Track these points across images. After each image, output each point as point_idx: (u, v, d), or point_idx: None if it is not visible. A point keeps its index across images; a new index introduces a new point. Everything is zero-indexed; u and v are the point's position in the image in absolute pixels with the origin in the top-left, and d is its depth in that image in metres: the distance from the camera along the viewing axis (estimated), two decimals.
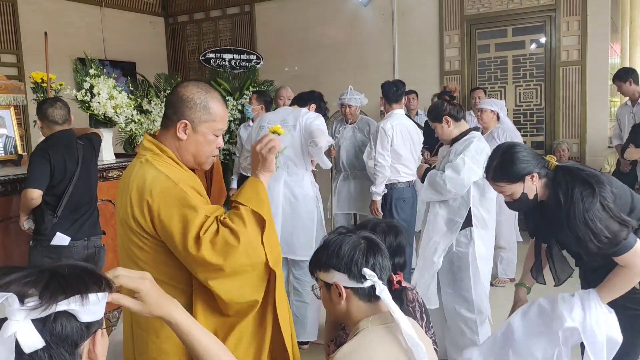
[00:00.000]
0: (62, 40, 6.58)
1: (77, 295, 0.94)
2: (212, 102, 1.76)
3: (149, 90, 5.96)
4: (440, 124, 3.31)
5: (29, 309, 0.89)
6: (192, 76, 8.44)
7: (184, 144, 1.76)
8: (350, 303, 1.57)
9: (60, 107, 3.32)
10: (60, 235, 3.21)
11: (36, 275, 0.94)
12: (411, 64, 6.99)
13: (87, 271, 1.01)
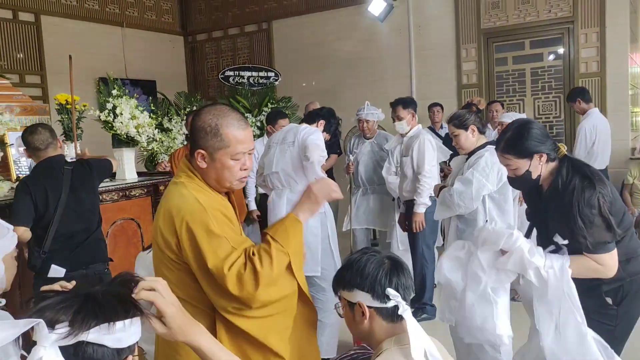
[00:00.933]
0: (85, 61, 6.72)
1: (105, 324, 0.97)
2: (225, 128, 1.74)
3: (169, 108, 6.05)
4: (465, 132, 3.30)
5: (58, 335, 0.93)
6: (212, 93, 8.55)
7: (205, 171, 1.79)
8: (374, 323, 1.58)
9: (40, 132, 3.13)
10: (55, 267, 3.09)
11: (70, 300, 0.98)
12: (428, 78, 7.01)
13: (120, 297, 1.04)
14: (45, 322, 0.94)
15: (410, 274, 1.65)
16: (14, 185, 3.47)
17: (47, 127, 3.21)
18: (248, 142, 1.80)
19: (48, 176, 3.11)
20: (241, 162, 1.79)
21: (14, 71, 6.32)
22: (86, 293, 1.02)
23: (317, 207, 1.81)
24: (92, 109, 4.20)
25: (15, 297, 3.34)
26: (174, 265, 1.72)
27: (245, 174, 1.83)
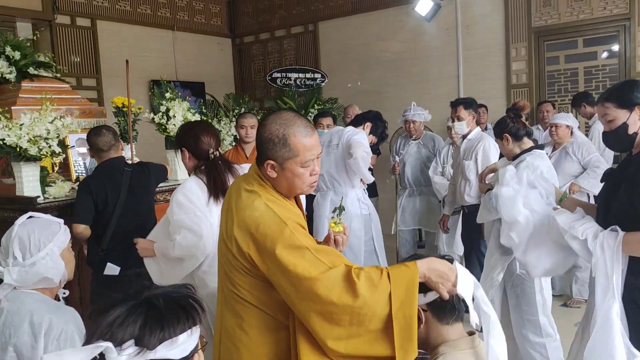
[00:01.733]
0: (137, 64, 6.93)
1: (168, 340, 1.02)
2: (292, 137, 1.72)
3: (218, 110, 6.18)
4: (500, 141, 3.33)
5: (127, 356, 0.99)
6: (258, 95, 8.67)
7: (276, 181, 1.78)
8: (429, 327, 1.60)
9: (104, 134, 3.25)
10: (111, 265, 3.20)
11: (135, 314, 1.03)
12: (476, 78, 6.90)
13: (181, 304, 1.08)
14: (113, 344, 1.00)
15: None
16: (74, 186, 3.63)
17: (111, 130, 3.35)
18: (316, 147, 1.78)
19: (109, 177, 3.23)
20: (310, 168, 1.78)
21: (72, 75, 6.58)
22: (147, 300, 1.07)
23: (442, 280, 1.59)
24: (147, 112, 4.34)
25: (75, 292, 3.49)
26: (248, 272, 1.73)
27: (315, 178, 1.82)
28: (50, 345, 1.78)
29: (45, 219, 1.99)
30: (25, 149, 3.24)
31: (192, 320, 1.08)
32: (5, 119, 3.28)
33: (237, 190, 1.81)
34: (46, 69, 4.28)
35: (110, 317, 1.03)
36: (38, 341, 1.77)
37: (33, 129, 3.26)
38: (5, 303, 1.86)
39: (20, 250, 1.87)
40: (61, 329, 1.81)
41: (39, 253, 1.88)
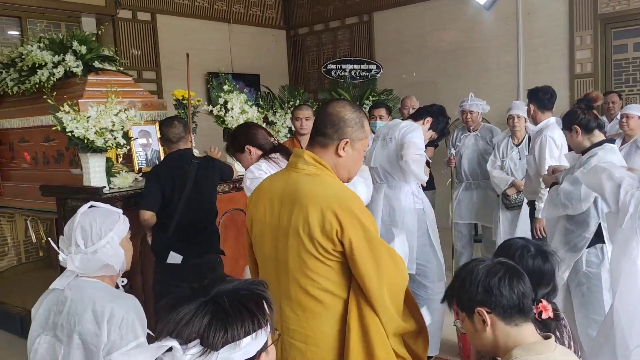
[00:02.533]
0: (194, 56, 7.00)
1: (232, 343, 1.03)
2: (364, 121, 1.90)
3: (273, 102, 6.22)
4: (570, 133, 3.20)
5: (191, 356, 1.01)
6: (312, 86, 8.68)
7: (342, 161, 1.87)
8: (496, 330, 1.55)
9: (175, 125, 3.36)
10: (173, 254, 3.26)
11: (199, 310, 1.04)
12: (537, 68, 6.68)
13: (248, 305, 1.08)
14: (178, 341, 1.01)
15: (526, 278, 1.60)
16: (137, 177, 3.74)
17: (182, 122, 3.46)
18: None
19: (176, 167, 3.32)
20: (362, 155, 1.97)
21: (133, 68, 6.78)
22: (213, 299, 1.07)
23: None
24: (205, 104, 4.42)
25: (138, 280, 3.61)
26: (328, 257, 1.75)
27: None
28: (112, 332, 1.83)
29: (106, 208, 2.05)
30: (92, 140, 3.36)
31: (257, 323, 1.07)
32: (73, 111, 3.41)
33: (293, 177, 1.84)
34: (110, 62, 4.41)
35: (178, 315, 1.04)
36: (101, 329, 1.82)
37: (99, 122, 3.38)
38: (68, 292, 1.91)
39: (82, 238, 1.91)
40: (122, 316, 1.85)
41: (100, 241, 1.93)
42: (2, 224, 4.63)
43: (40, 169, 4.32)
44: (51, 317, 1.93)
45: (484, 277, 1.55)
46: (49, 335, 1.92)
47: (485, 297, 1.54)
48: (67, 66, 4.10)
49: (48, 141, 4.19)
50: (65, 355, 1.86)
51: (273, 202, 1.87)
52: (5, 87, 4.45)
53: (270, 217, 1.87)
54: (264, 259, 1.94)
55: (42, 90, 4.01)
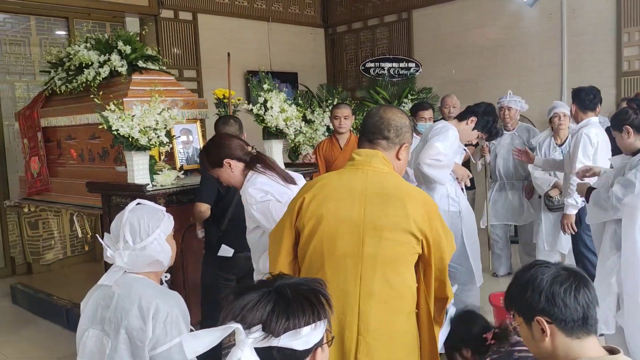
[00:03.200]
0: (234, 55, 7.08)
1: (292, 331, 1.07)
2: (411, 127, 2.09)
3: (312, 100, 6.24)
4: (620, 133, 3.10)
5: (254, 339, 1.05)
6: (350, 85, 8.67)
7: (398, 164, 2.02)
8: (555, 340, 1.45)
9: (231, 124, 3.47)
10: (225, 247, 3.33)
11: (265, 299, 1.08)
12: (582, 65, 6.50)
13: (309, 297, 1.12)
14: (242, 326, 1.06)
15: (592, 285, 1.50)
16: (179, 174, 3.81)
17: (238, 121, 3.57)
18: None
19: None
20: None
21: (174, 67, 6.90)
22: (277, 289, 1.12)
23: None
24: (245, 103, 4.46)
25: (179, 276, 3.68)
26: (416, 250, 1.93)
27: None
28: (157, 328, 1.87)
29: (152, 206, 2.09)
30: (136, 139, 3.44)
31: (317, 315, 1.11)
32: (119, 110, 3.49)
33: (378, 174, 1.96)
34: (153, 61, 4.50)
35: (243, 300, 1.09)
36: (147, 324, 1.86)
37: (143, 120, 3.45)
38: (116, 288, 1.96)
39: (130, 235, 1.96)
40: (167, 312, 1.89)
41: (148, 237, 1.97)
42: (50, 219, 4.79)
43: (86, 166, 4.45)
44: (99, 311, 1.98)
45: (548, 286, 1.46)
46: (97, 329, 1.97)
47: (547, 307, 1.45)
48: (112, 66, 4.21)
49: (94, 139, 4.31)
50: (113, 349, 1.91)
51: (353, 198, 1.89)
52: (54, 86, 4.60)
53: (350, 213, 1.88)
54: (336, 256, 1.90)
55: (89, 89, 4.13)
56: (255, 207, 2.65)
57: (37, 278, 5.10)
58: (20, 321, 4.84)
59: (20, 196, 5.21)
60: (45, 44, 6.41)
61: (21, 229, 5.15)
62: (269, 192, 2.65)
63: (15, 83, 6.37)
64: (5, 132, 6.24)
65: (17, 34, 6.32)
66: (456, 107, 5.25)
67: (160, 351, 1.86)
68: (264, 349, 1.06)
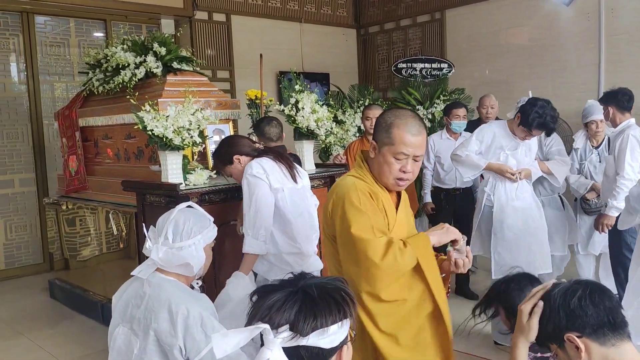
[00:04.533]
0: (267, 55, 7.11)
1: (320, 330, 1.09)
2: (395, 128, 1.94)
3: (343, 101, 6.25)
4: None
5: (282, 339, 1.07)
6: (382, 85, 8.64)
7: (372, 162, 2.04)
8: (592, 354, 1.40)
9: (275, 125, 3.61)
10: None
11: (292, 300, 1.10)
12: (620, 66, 6.34)
13: (334, 296, 1.14)
14: (270, 326, 1.07)
15: (609, 292, 1.46)
16: (212, 174, 3.86)
17: (280, 123, 3.71)
18: (415, 147, 1.95)
19: None
20: (402, 164, 1.96)
21: (208, 67, 6.99)
22: (303, 288, 1.13)
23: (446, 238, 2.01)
24: (277, 103, 4.50)
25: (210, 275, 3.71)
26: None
27: (404, 177, 1.98)
28: (195, 332, 1.86)
29: (201, 212, 2.12)
30: (170, 139, 3.50)
31: (343, 313, 1.12)
32: (154, 110, 3.57)
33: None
34: (187, 63, 4.58)
35: (270, 301, 1.11)
36: (176, 329, 1.87)
37: (177, 120, 3.51)
38: (147, 288, 1.98)
39: (173, 233, 1.99)
40: (200, 315, 1.90)
41: (187, 240, 2.00)
42: (86, 216, 4.91)
43: (121, 165, 4.56)
44: (129, 309, 2.01)
45: (562, 301, 1.44)
46: (127, 327, 1.99)
47: (570, 321, 1.42)
48: (148, 67, 4.30)
49: (129, 138, 4.41)
50: (142, 349, 1.93)
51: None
52: (92, 86, 4.73)
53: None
54: None
55: (125, 89, 4.23)
56: (247, 176, 2.85)
57: (73, 274, 5.24)
58: (57, 315, 4.99)
59: (58, 194, 5.37)
60: (84, 45, 6.58)
61: (59, 226, 5.30)
62: (267, 173, 2.82)
63: (55, 83, 6.57)
64: (45, 131, 6.43)
65: (57, 36, 6.51)
66: (494, 108, 5.19)
67: (204, 354, 1.84)
68: (291, 348, 1.07)
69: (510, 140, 3.76)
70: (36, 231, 6.41)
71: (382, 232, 1.94)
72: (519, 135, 3.72)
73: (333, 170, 4.42)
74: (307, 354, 1.09)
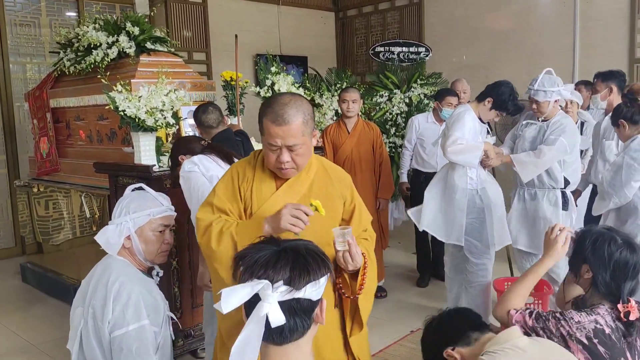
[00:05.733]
0: (244, 38, 7.04)
1: (313, 282, 1.19)
2: (264, 117, 1.81)
3: (320, 84, 6.22)
4: (617, 128, 3.30)
5: (280, 294, 1.16)
6: (360, 69, 8.62)
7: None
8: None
9: (211, 111, 3.40)
10: None
11: (283, 258, 1.20)
12: (594, 52, 6.42)
13: (318, 253, 1.25)
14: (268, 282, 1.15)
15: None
16: None
17: (217, 107, 3.49)
18: (282, 137, 1.78)
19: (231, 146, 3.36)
20: (276, 154, 1.81)
21: (184, 49, 6.89)
22: (293, 248, 1.23)
23: (280, 229, 1.72)
24: (253, 85, 4.47)
25: (185, 258, 3.70)
26: None
27: (282, 167, 1.82)
28: (116, 309, 1.92)
29: (148, 195, 2.15)
30: (142, 119, 3.45)
31: (326, 268, 1.24)
32: (126, 91, 3.50)
33: None
34: (162, 43, 4.50)
35: (262, 259, 1.19)
36: (107, 304, 1.92)
37: (150, 101, 3.46)
38: (98, 267, 2.05)
39: (114, 212, 2.07)
40: (128, 295, 1.94)
41: (117, 219, 2.05)
42: (59, 199, 4.83)
43: (94, 147, 4.48)
44: (84, 287, 2.06)
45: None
46: (81, 306, 2.02)
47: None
48: (120, 47, 4.21)
49: (102, 120, 4.33)
50: (84, 326, 1.96)
51: None
52: (63, 66, 4.62)
53: None
54: None
55: (97, 70, 4.14)
56: (181, 175, 2.84)
57: (46, 257, 5.16)
58: (29, 299, 4.92)
59: (30, 176, 5.26)
60: (55, 25, 6.42)
61: (31, 209, 5.21)
62: (197, 164, 2.82)
63: (26, 64, 6.41)
64: (15, 112, 6.29)
65: (27, 15, 6.34)
66: (466, 92, 5.17)
67: (116, 334, 1.90)
68: (285, 301, 1.17)
69: (479, 125, 3.79)
70: (7, 214, 6.29)
71: (221, 211, 1.89)
72: (488, 117, 3.74)
73: None
74: (298, 306, 1.19)
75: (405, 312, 4.36)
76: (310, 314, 1.22)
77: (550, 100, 3.45)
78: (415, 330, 3.96)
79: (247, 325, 1.18)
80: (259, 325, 1.15)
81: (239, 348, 1.17)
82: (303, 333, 1.22)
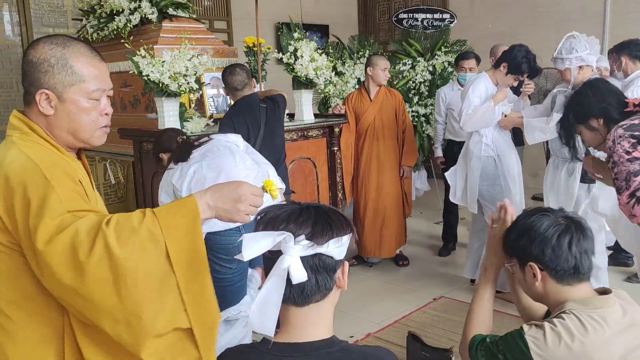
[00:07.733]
0: (265, 6, 6.96)
1: (336, 238, 1.15)
2: (75, 58, 1.36)
3: (342, 52, 6.14)
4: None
5: (302, 247, 1.12)
6: (382, 37, 8.49)
7: (52, 120, 1.36)
8: (547, 285, 1.53)
9: (238, 73, 3.38)
10: None
11: (305, 214, 1.16)
12: (625, 18, 6.22)
13: (339, 213, 1.21)
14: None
15: (589, 235, 1.53)
16: (209, 122, 3.81)
17: (245, 69, 3.47)
18: (105, 80, 1.42)
19: (248, 113, 3.39)
20: (101, 105, 1.41)
21: (205, 17, 6.84)
22: (315, 206, 1.20)
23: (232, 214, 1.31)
24: (275, 51, 4.43)
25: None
26: (4, 251, 1.27)
27: (105, 121, 1.43)
28: None
29: None
30: (166, 84, 3.45)
31: (349, 227, 1.20)
32: (149, 55, 3.50)
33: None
34: (183, 9, 4.47)
35: (284, 214, 1.16)
36: None
37: (173, 66, 3.45)
38: None
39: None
40: None
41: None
42: None
43: (118, 114, 4.48)
44: None
45: (543, 234, 1.50)
46: None
47: (540, 255, 1.51)
48: (142, 13, 4.19)
49: (125, 87, 4.34)
50: None
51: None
52: (85, 33, 4.62)
53: None
54: None
55: (120, 36, 4.14)
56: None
57: None
58: None
59: None
60: None
61: None
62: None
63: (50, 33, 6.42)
64: None
65: None
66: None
67: None
68: (307, 257, 1.13)
69: (492, 91, 3.76)
70: None
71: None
72: (505, 83, 3.71)
73: (332, 121, 4.37)
74: (320, 263, 1.15)
75: (427, 280, 4.36)
76: (332, 274, 1.18)
77: (572, 67, 3.36)
78: (438, 297, 3.97)
79: (268, 280, 1.12)
80: (281, 279, 1.11)
81: (259, 305, 1.12)
82: (325, 294, 1.18)
